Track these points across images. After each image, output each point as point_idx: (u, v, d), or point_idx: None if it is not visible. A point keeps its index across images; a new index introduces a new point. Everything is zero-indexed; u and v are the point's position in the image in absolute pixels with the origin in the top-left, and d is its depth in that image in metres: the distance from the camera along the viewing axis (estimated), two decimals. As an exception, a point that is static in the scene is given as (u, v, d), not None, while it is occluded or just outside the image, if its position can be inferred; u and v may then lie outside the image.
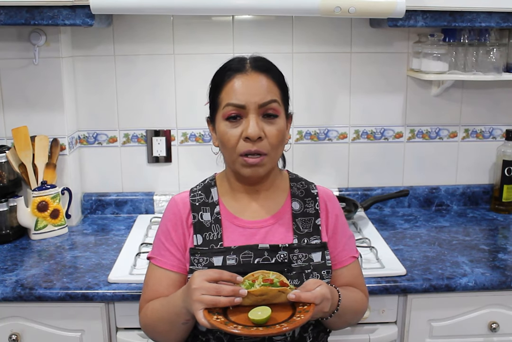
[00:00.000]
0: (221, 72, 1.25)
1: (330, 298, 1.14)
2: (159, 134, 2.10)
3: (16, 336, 1.54)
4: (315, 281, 1.16)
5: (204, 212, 1.28)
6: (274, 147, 1.22)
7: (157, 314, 1.23)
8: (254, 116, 1.19)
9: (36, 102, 1.93)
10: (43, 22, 1.66)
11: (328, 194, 1.36)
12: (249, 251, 1.23)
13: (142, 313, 1.28)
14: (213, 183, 1.34)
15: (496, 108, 2.17)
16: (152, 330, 1.26)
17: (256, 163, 1.21)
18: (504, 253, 1.75)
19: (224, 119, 1.21)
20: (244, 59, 1.25)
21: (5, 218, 1.85)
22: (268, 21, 2.04)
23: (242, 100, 1.18)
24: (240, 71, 1.21)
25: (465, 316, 1.62)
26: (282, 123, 1.23)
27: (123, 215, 2.12)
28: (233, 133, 1.20)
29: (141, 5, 1.62)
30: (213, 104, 1.26)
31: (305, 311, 1.08)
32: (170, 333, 1.23)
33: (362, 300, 1.32)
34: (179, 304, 1.16)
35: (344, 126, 2.15)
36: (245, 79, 1.20)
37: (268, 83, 1.21)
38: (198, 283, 1.09)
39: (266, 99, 1.19)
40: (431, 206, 2.21)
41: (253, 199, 1.30)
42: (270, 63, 1.26)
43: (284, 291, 1.10)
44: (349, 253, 1.33)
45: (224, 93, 1.21)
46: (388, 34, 2.08)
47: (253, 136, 1.18)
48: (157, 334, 1.26)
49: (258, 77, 1.20)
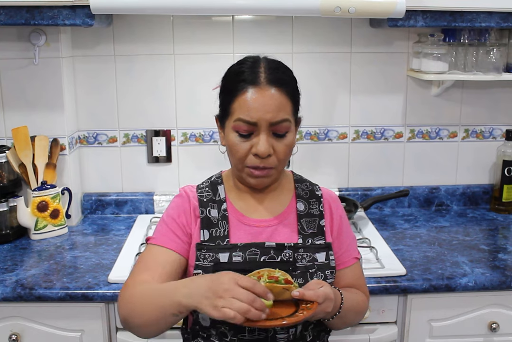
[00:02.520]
0: (234, 79, 1.21)
1: (333, 298, 1.14)
2: (159, 134, 2.10)
3: (16, 336, 1.54)
4: (318, 282, 1.17)
5: (212, 208, 1.28)
6: (281, 161, 1.23)
7: (146, 296, 1.14)
8: (265, 134, 1.19)
9: (36, 102, 1.93)
10: (43, 22, 1.66)
11: (332, 195, 1.37)
12: (256, 249, 1.24)
13: (128, 292, 1.18)
14: (220, 180, 1.34)
15: (496, 108, 2.17)
16: (132, 309, 1.15)
17: (262, 175, 1.23)
18: (504, 253, 1.75)
19: (235, 131, 1.21)
20: (258, 66, 1.21)
21: (5, 218, 1.85)
22: (268, 21, 2.04)
23: (254, 117, 1.17)
24: (254, 84, 1.18)
25: (465, 316, 1.62)
26: (292, 136, 1.23)
27: (123, 215, 2.12)
28: (243, 146, 1.20)
29: (141, 5, 1.62)
30: (223, 108, 1.24)
31: (308, 308, 1.09)
32: (151, 318, 1.13)
33: (363, 301, 1.33)
34: (178, 295, 1.08)
35: (344, 126, 2.15)
36: (259, 95, 1.17)
37: (281, 100, 1.19)
38: (232, 285, 1.02)
39: (277, 118, 1.18)
40: (431, 206, 2.21)
41: (258, 199, 1.31)
42: (284, 73, 1.23)
43: (288, 289, 1.11)
44: (352, 254, 1.34)
45: (237, 105, 1.19)
46: (388, 34, 2.08)
47: (262, 154, 1.19)
48: (137, 313, 1.14)
49: (272, 92, 1.18)
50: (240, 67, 1.22)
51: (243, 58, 1.25)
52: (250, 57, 1.25)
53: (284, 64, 1.25)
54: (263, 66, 1.21)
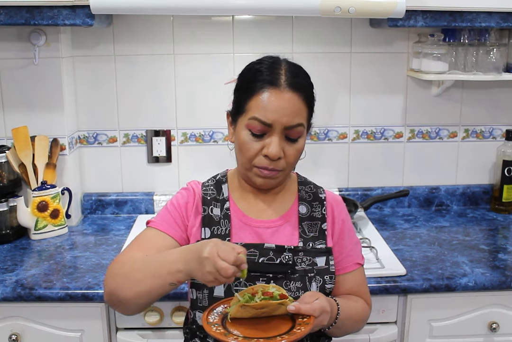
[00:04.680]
0: (252, 77, 1.21)
1: (329, 311, 1.13)
2: (159, 134, 2.10)
3: (16, 336, 1.54)
4: (312, 294, 1.16)
5: (214, 207, 1.29)
6: (290, 165, 1.24)
7: (141, 264, 1.14)
8: (278, 136, 1.19)
9: (36, 102, 1.93)
10: (43, 22, 1.66)
11: (336, 199, 1.36)
12: (255, 250, 1.24)
13: (117, 265, 1.17)
14: (225, 179, 1.34)
15: (496, 108, 2.17)
16: (122, 281, 1.14)
17: (270, 176, 1.23)
18: (504, 253, 1.75)
19: (247, 129, 1.20)
20: (278, 68, 1.20)
21: (5, 218, 1.85)
22: (268, 21, 2.04)
23: (270, 119, 1.17)
24: (273, 85, 1.18)
25: (465, 316, 1.62)
26: (303, 142, 1.23)
27: (123, 215, 2.12)
28: (254, 146, 1.20)
29: (141, 5, 1.62)
30: (238, 105, 1.23)
31: (305, 323, 1.09)
32: (144, 288, 1.11)
33: (363, 310, 1.31)
34: (178, 263, 1.08)
35: (344, 126, 2.15)
36: (277, 96, 1.17)
37: (298, 105, 1.19)
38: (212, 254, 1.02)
39: (293, 122, 1.18)
40: (431, 206, 2.21)
41: (262, 199, 1.31)
42: (304, 78, 1.23)
43: (284, 303, 1.11)
44: (354, 259, 1.32)
45: (253, 103, 1.19)
46: (388, 34, 2.08)
47: (273, 157, 1.19)
48: (128, 284, 1.13)
49: (290, 96, 1.18)
50: (259, 66, 1.22)
51: (262, 57, 1.25)
52: (270, 57, 1.24)
53: (304, 69, 1.25)
54: (284, 68, 1.21)
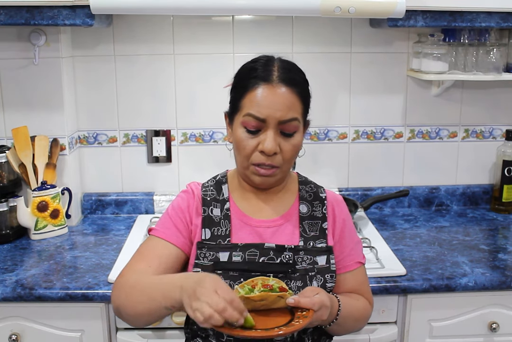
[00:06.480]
0: (246, 75, 1.22)
1: (329, 306, 1.13)
2: (159, 134, 2.10)
3: (16, 336, 1.54)
4: (313, 289, 1.16)
5: (214, 208, 1.29)
6: (287, 161, 1.24)
7: (140, 288, 1.14)
8: (272, 131, 1.19)
9: (36, 102, 1.93)
10: (43, 22, 1.66)
11: (337, 198, 1.36)
12: (255, 249, 1.24)
13: (122, 280, 1.19)
14: (225, 179, 1.34)
15: (496, 108, 2.17)
16: (125, 299, 1.15)
17: (267, 175, 1.23)
18: (504, 253, 1.75)
19: (243, 127, 1.21)
20: (271, 65, 1.21)
21: (5, 218, 1.85)
22: (268, 21, 2.04)
23: (263, 114, 1.17)
24: (266, 81, 1.19)
25: (465, 316, 1.62)
26: (299, 137, 1.24)
27: (123, 215, 2.12)
28: (249, 143, 1.20)
29: (141, 5, 1.62)
30: (234, 104, 1.24)
31: (304, 316, 1.08)
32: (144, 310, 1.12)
33: (365, 308, 1.31)
34: (172, 289, 1.07)
35: (344, 126, 2.15)
36: (270, 92, 1.18)
37: (292, 99, 1.19)
38: (209, 290, 1.00)
39: (287, 116, 1.18)
40: (431, 206, 2.21)
41: (262, 199, 1.31)
42: (297, 74, 1.24)
43: (283, 296, 1.10)
44: (355, 258, 1.32)
45: (247, 100, 1.20)
46: (388, 34, 2.08)
47: (269, 152, 1.19)
48: (130, 303, 1.14)
49: (283, 91, 1.18)
50: (253, 64, 1.23)
51: (257, 56, 1.26)
52: (264, 56, 1.25)
53: (297, 66, 1.26)
54: (276, 65, 1.22)
